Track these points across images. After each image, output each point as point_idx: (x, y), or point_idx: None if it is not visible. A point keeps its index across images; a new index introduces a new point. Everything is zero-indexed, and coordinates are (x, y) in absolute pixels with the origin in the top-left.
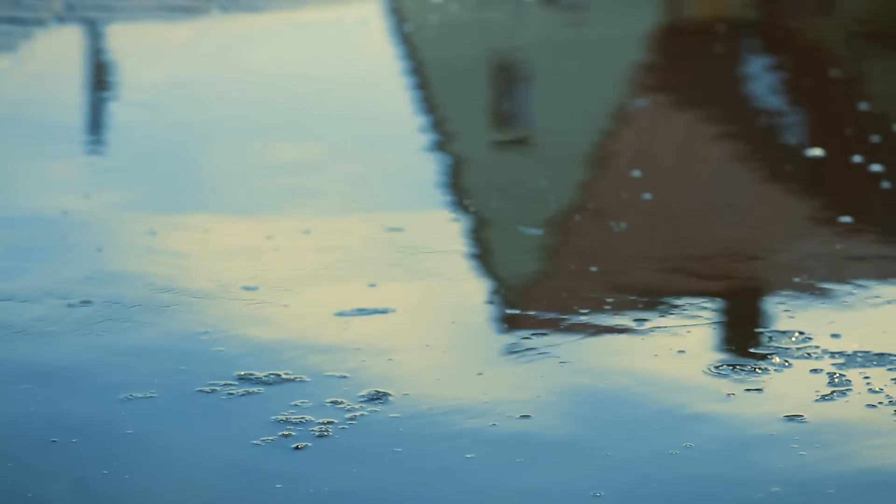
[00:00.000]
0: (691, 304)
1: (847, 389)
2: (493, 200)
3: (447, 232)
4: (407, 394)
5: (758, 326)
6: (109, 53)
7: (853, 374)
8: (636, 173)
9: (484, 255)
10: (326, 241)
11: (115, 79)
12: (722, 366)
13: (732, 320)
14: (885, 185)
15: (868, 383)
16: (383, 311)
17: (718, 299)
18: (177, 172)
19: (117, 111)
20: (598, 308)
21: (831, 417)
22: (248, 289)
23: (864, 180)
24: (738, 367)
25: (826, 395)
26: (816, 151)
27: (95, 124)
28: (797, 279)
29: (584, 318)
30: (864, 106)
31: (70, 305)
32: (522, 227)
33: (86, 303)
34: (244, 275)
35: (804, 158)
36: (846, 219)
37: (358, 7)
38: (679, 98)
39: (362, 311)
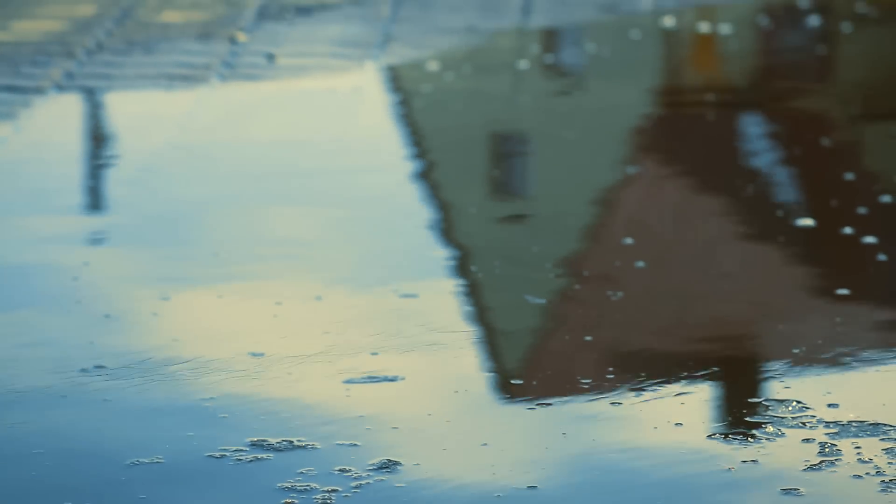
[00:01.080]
0: (689, 374)
1: (836, 459)
2: (493, 269)
3: (449, 301)
4: (414, 463)
5: (755, 396)
6: (108, 122)
7: (845, 444)
8: (632, 241)
9: (485, 323)
10: (331, 308)
11: (115, 147)
12: (720, 437)
13: (730, 390)
14: (882, 257)
15: (859, 454)
16: (391, 379)
17: (716, 369)
18: (179, 240)
19: (117, 179)
20: (598, 378)
21: (819, 487)
22: (255, 355)
23: (859, 252)
24: (735, 437)
25: (815, 465)
26: (810, 221)
27: (95, 192)
28: (796, 350)
29: (585, 389)
30: (859, 176)
31: (78, 370)
32: (522, 296)
33: (95, 368)
34: (251, 340)
35: (799, 228)
36: (844, 291)
37: (355, 76)
38: (675, 166)
39: (371, 379)
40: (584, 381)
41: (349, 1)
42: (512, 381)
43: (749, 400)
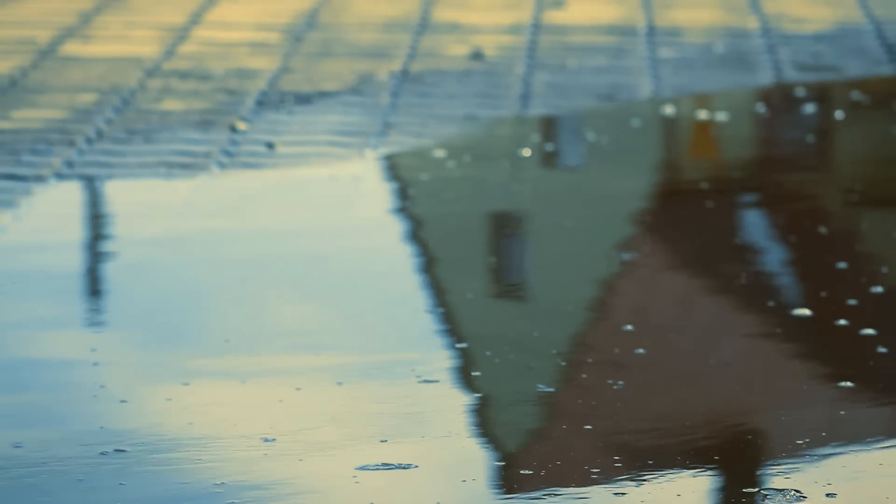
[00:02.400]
0: (690, 462)
1: None
2: (495, 355)
3: (454, 387)
4: None
5: (754, 486)
6: (109, 210)
7: None
8: (631, 328)
9: (492, 410)
10: (343, 392)
11: (115, 235)
12: None
13: (730, 479)
14: (882, 349)
15: None
16: (403, 467)
17: (716, 457)
18: (187, 326)
19: (118, 267)
20: (599, 467)
21: None
22: (267, 440)
23: (858, 343)
24: None
25: None
26: (808, 311)
27: (97, 280)
28: (798, 440)
29: (587, 479)
30: (856, 265)
31: (90, 456)
32: (527, 383)
33: (115, 451)
34: (264, 425)
35: (797, 318)
36: (846, 383)
37: (355, 164)
38: (673, 254)
39: (384, 465)
40: (589, 469)
41: (348, 89)
42: (521, 472)
43: (748, 490)
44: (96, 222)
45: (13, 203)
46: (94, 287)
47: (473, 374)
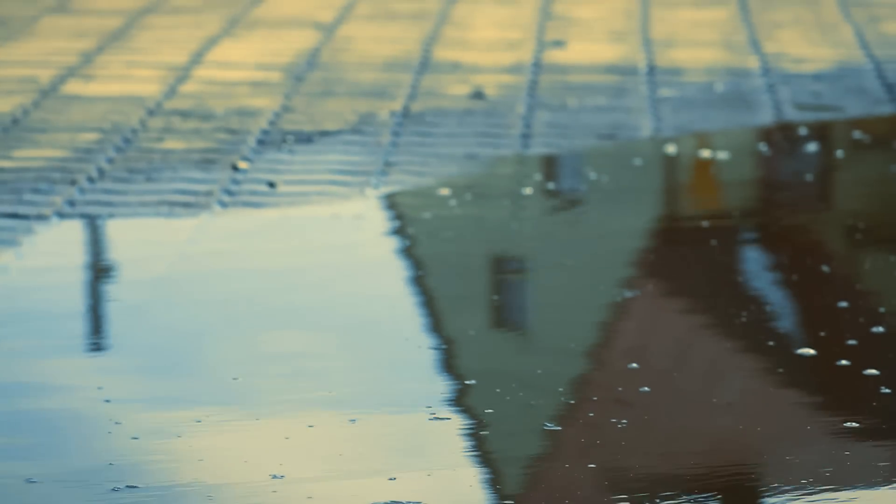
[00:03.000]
0: (693, 501)
1: None
2: (499, 393)
3: (458, 424)
4: None
5: None
6: (110, 249)
7: None
8: (634, 366)
9: (499, 448)
10: (351, 430)
11: (117, 274)
12: None
13: None
14: (885, 390)
15: None
16: None
17: (720, 497)
18: (192, 364)
19: (120, 306)
20: None
21: None
22: (276, 477)
23: (862, 383)
24: None
25: None
26: (811, 351)
27: (99, 319)
28: (802, 480)
29: None
30: (859, 305)
31: (102, 492)
32: (532, 420)
33: (126, 488)
34: (274, 462)
35: (799, 357)
36: (851, 423)
37: (356, 203)
38: (675, 292)
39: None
40: None
41: (349, 129)
42: None
43: None
44: (98, 261)
45: (15, 242)
46: (97, 325)
47: (479, 410)
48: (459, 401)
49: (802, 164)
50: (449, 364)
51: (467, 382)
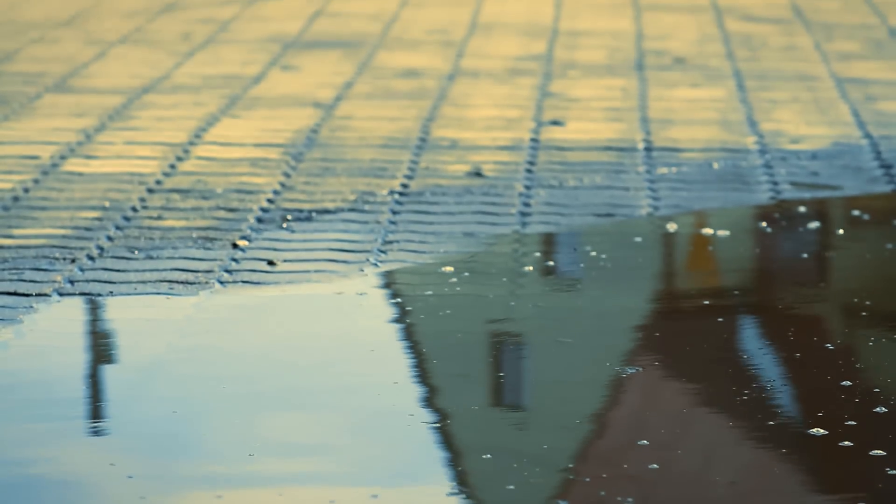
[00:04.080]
0: None
1: None
2: (504, 470)
3: (464, 501)
4: None
5: None
6: (111, 326)
7: None
8: (636, 444)
9: None
10: None
11: (118, 352)
12: None
13: None
14: (892, 471)
15: None
16: None
17: None
18: (204, 441)
19: (121, 383)
20: None
21: None
22: None
23: (867, 464)
24: None
25: None
26: (814, 430)
27: (98, 397)
28: None
29: None
30: (861, 384)
31: None
32: (534, 496)
33: None
34: None
35: (802, 436)
36: None
37: (355, 281)
38: (675, 370)
39: None
40: None
41: (348, 207)
42: None
43: None
44: (99, 339)
45: (16, 319)
46: (99, 404)
47: (485, 487)
48: (466, 477)
49: (801, 242)
50: (454, 441)
51: (473, 458)
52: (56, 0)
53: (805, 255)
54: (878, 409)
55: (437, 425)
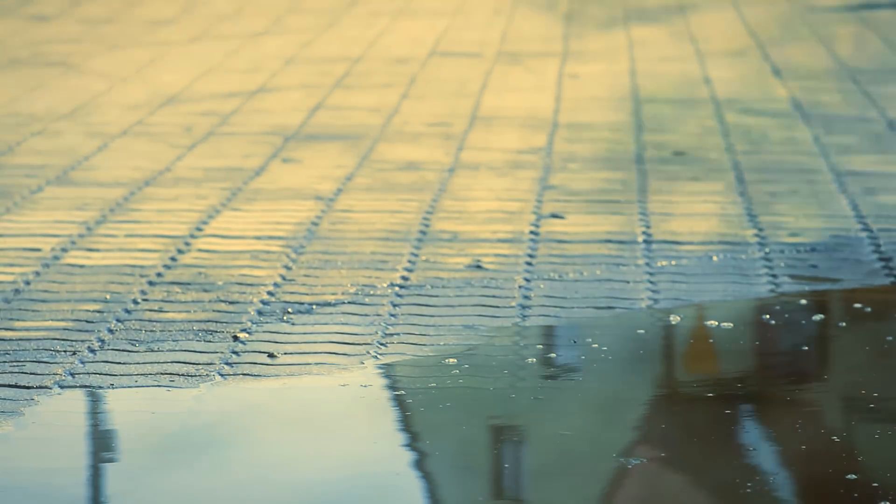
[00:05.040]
0: None
1: None
2: None
3: None
4: None
5: None
6: (111, 419)
7: None
8: None
9: None
10: None
11: (118, 444)
12: None
13: None
14: None
15: None
16: None
17: None
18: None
19: (120, 478)
20: None
21: None
22: None
23: None
24: None
25: None
26: None
27: (99, 490)
28: None
29: None
30: (862, 477)
31: None
32: None
33: None
34: None
35: None
36: None
37: (356, 373)
38: (676, 461)
39: None
40: None
41: (348, 300)
42: None
43: None
44: (100, 431)
45: (16, 412)
46: (99, 497)
47: None
48: None
49: (801, 334)
50: None
51: None
52: (58, 92)
53: (803, 348)
54: (882, 502)
55: None
